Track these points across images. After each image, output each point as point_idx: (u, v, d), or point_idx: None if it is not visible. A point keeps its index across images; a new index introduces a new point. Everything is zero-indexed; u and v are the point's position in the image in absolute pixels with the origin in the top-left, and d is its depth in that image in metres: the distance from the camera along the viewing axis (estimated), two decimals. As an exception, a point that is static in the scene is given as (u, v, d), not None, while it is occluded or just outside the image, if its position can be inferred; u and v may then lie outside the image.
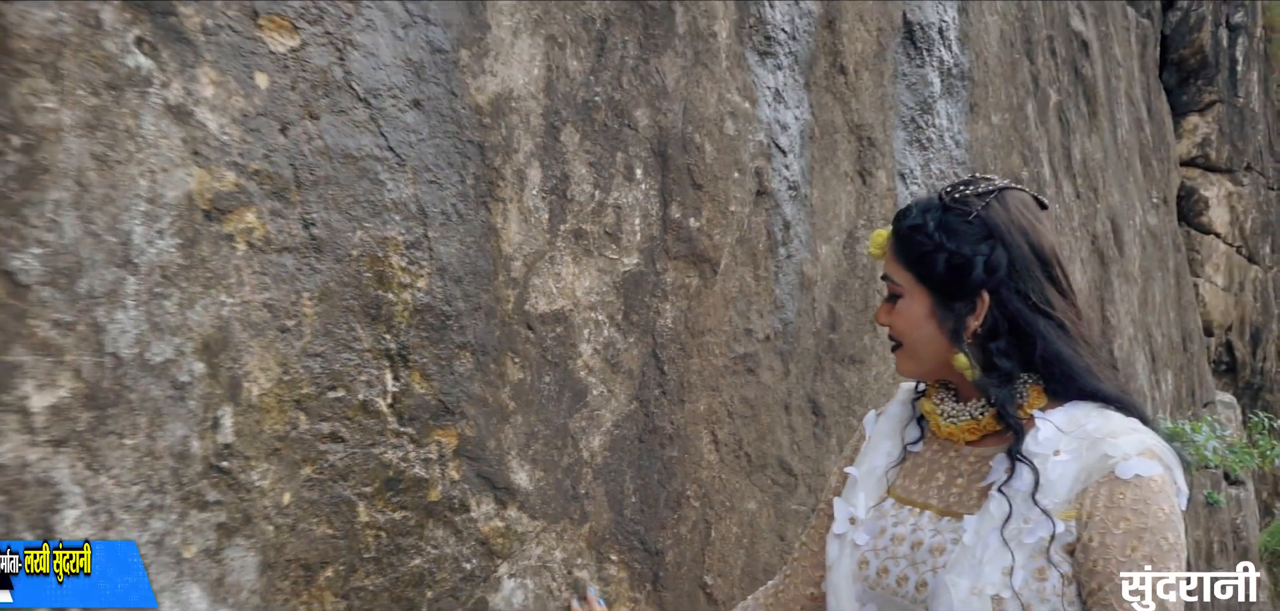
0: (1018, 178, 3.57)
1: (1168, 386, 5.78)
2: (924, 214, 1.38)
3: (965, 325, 1.33)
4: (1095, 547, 1.20)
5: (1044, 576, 1.23)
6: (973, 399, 1.38)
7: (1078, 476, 1.23)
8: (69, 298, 1.28)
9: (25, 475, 1.24)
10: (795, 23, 2.56)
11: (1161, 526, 1.19)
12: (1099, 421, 1.27)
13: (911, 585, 1.32)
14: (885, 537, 1.39)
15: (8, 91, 1.23)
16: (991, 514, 1.27)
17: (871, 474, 1.48)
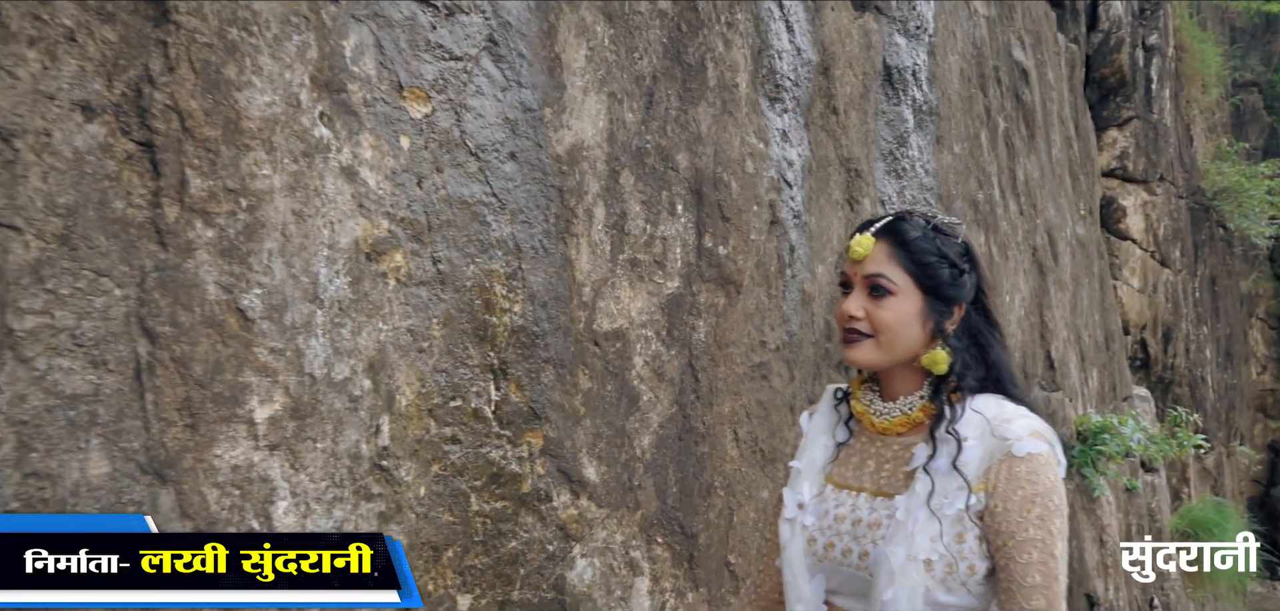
0: (974, 200, 3.99)
1: (1094, 382, 6.31)
2: (927, 233, 1.56)
3: (945, 328, 1.54)
4: (1000, 512, 1.45)
5: (963, 539, 1.46)
6: (900, 398, 1.58)
7: (983, 457, 1.46)
8: (279, 328, 1.57)
9: (252, 473, 1.53)
10: (798, 71, 2.92)
11: (1049, 491, 1.45)
12: (995, 409, 1.50)
13: (855, 556, 1.54)
14: (829, 518, 1.59)
15: (238, 163, 1.52)
16: (918, 492, 1.49)
17: (812, 465, 1.67)
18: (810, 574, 1.60)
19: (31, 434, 1.31)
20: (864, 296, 1.56)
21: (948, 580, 1.45)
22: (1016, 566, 1.42)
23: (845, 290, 1.60)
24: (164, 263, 1.44)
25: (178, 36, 1.46)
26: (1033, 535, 1.43)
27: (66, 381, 1.34)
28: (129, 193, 1.42)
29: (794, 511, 1.64)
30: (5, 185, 1.31)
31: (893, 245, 1.56)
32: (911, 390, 1.57)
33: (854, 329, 1.56)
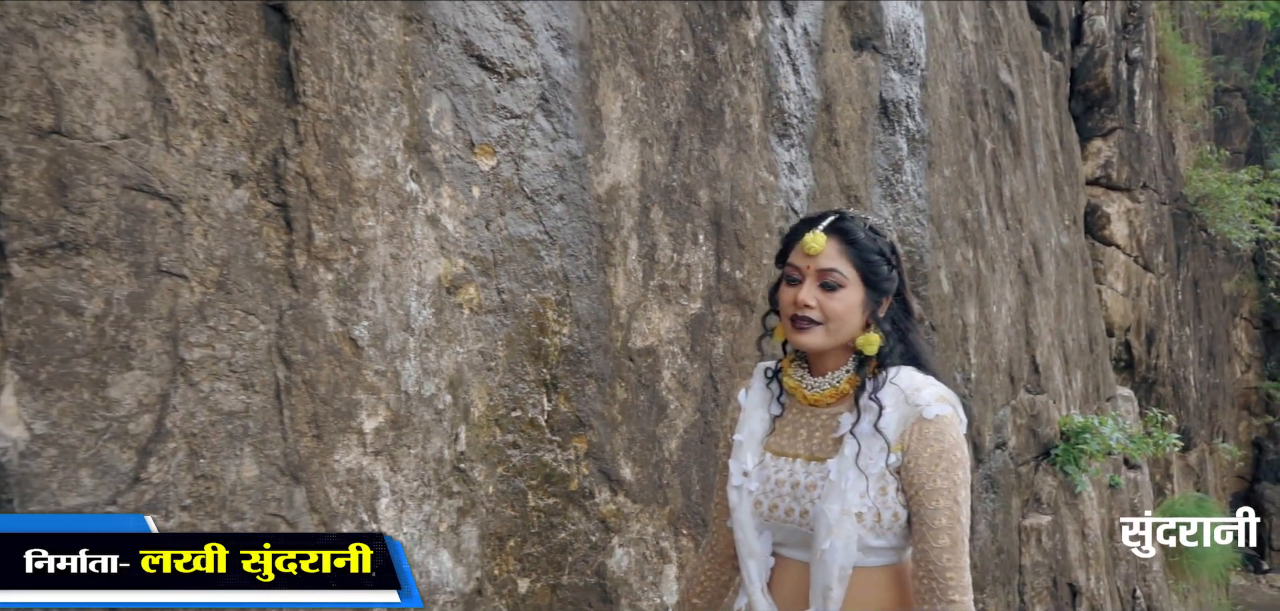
0: (962, 219, 4.31)
1: (1078, 384, 6.64)
2: (867, 232, 1.76)
3: (877, 315, 1.75)
4: (912, 467, 1.65)
5: (886, 492, 1.67)
6: (829, 373, 1.77)
7: (899, 421, 1.67)
8: (382, 353, 1.88)
9: (361, 476, 1.84)
10: (804, 109, 3.24)
11: (953, 447, 1.66)
12: (908, 380, 1.71)
13: (796, 514, 1.74)
14: (770, 482, 1.78)
15: (350, 217, 1.83)
16: (846, 454, 1.69)
17: (752, 437, 1.85)
18: (759, 531, 1.80)
19: (200, 444, 1.62)
20: (816, 287, 1.73)
21: (876, 528, 1.67)
22: (927, 511, 1.64)
23: (791, 280, 1.76)
24: (295, 302, 1.75)
25: (305, 115, 1.77)
26: (940, 485, 1.64)
27: (225, 400, 1.65)
28: (268, 245, 1.73)
29: (740, 479, 1.82)
30: (175, 242, 1.62)
31: (842, 243, 1.74)
32: (839, 366, 1.77)
33: (806, 316, 1.73)
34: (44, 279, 1.50)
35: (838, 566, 1.67)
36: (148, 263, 1.60)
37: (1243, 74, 15.37)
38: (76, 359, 1.53)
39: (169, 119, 1.63)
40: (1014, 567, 4.79)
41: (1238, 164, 13.89)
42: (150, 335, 1.59)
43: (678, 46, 2.71)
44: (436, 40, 2.04)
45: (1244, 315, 15.81)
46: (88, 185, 1.54)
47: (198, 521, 1.61)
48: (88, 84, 1.56)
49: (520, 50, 2.23)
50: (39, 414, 1.49)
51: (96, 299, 1.55)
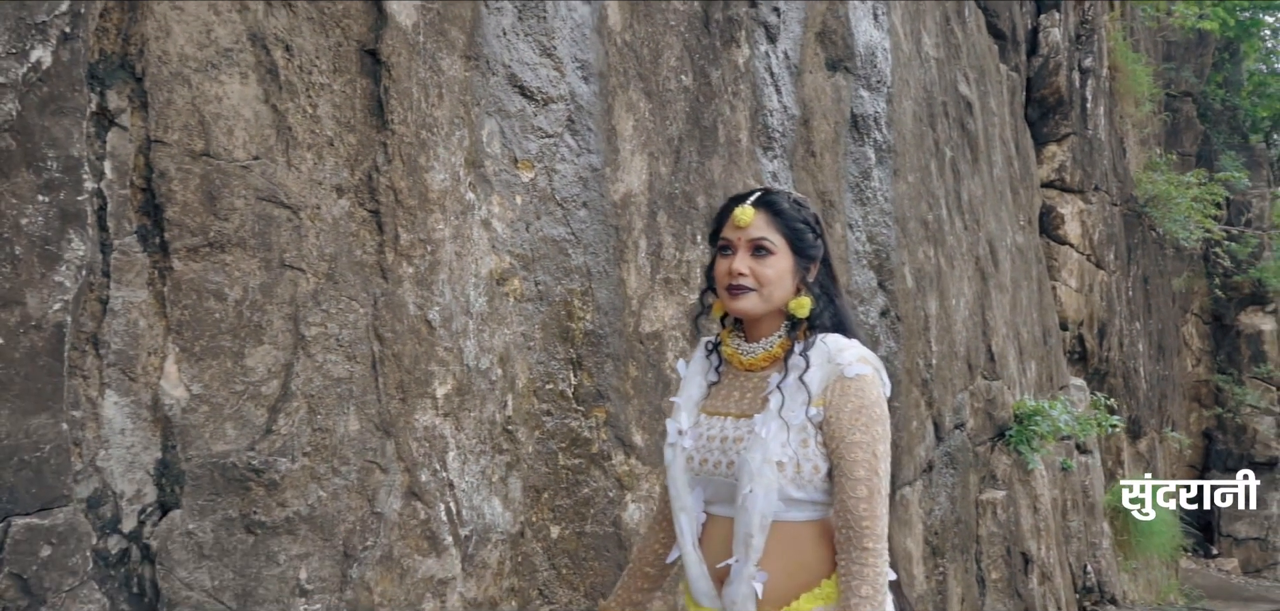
0: (924, 220, 4.77)
1: (1032, 373, 7.15)
2: (793, 204, 1.86)
3: (807, 280, 1.83)
4: (833, 422, 1.71)
5: (806, 444, 1.73)
6: (763, 338, 1.84)
7: (822, 379, 1.73)
8: (449, 333, 2.29)
9: (435, 433, 2.25)
10: (785, 124, 3.68)
11: (873, 404, 1.72)
12: (834, 342, 1.77)
13: (723, 466, 1.80)
14: (703, 439, 1.85)
15: (426, 222, 2.24)
16: (771, 407, 1.75)
17: (689, 400, 1.92)
18: (691, 486, 1.87)
19: (316, 403, 2.03)
20: (748, 257, 1.81)
21: (796, 478, 1.74)
22: (846, 463, 1.71)
23: (726, 252, 1.85)
24: (386, 290, 2.16)
25: (393, 139, 2.18)
26: (859, 439, 1.70)
27: (335, 369, 2.06)
28: (364, 245, 2.14)
29: (675, 437, 1.90)
30: (295, 241, 2.02)
31: (770, 214, 1.83)
32: (772, 331, 1.84)
33: (741, 284, 1.80)
34: (197, 271, 1.90)
35: (758, 513, 1.74)
36: (274, 258, 2.00)
37: (1193, 80, 16.04)
38: (222, 335, 1.93)
39: (290, 143, 2.03)
40: (972, 537, 5.26)
41: (1189, 166, 14.54)
42: (277, 316, 2.00)
43: (679, 72, 3.14)
44: (488, 74, 2.46)
45: (1195, 311, 16.49)
46: (230, 196, 1.95)
47: (314, 464, 2.02)
48: (228, 116, 1.96)
49: (552, 80, 2.65)
50: (195, 378, 1.89)
51: (236, 287, 1.95)
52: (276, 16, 2.02)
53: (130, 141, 1.85)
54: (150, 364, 1.84)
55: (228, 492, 1.90)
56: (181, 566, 1.83)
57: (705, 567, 1.84)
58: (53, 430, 1.69)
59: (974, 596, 5.22)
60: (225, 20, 1.96)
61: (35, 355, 1.67)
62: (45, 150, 1.70)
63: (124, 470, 1.80)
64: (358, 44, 2.16)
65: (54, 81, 1.72)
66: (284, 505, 1.97)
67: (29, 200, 1.68)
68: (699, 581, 1.84)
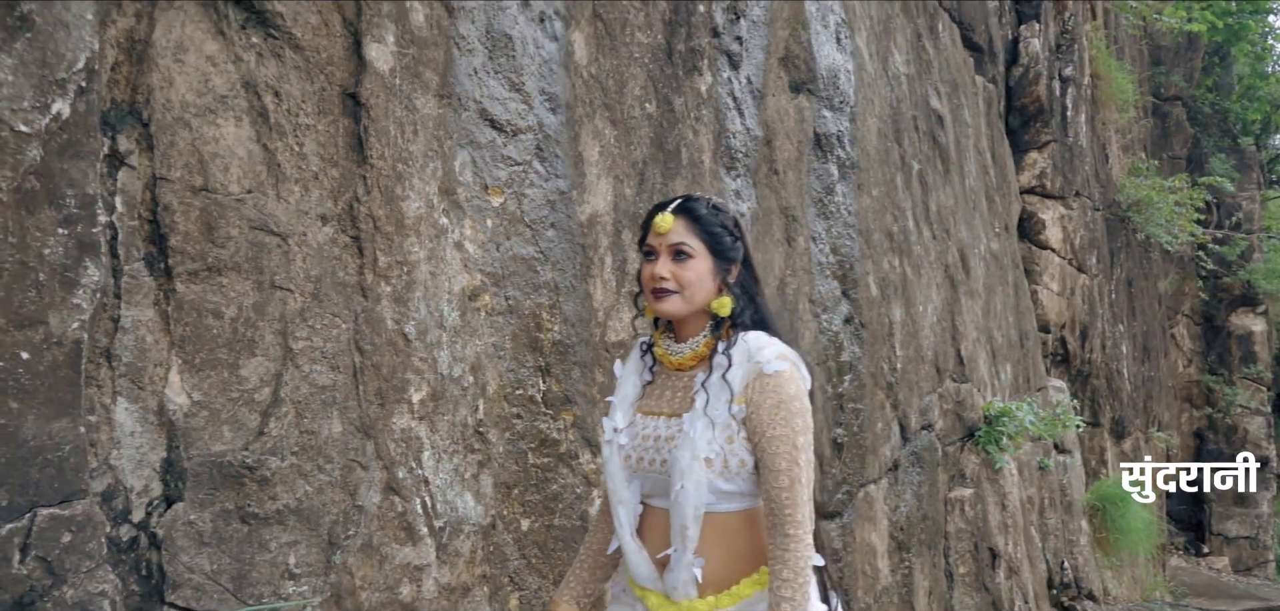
0: (889, 232, 5.03)
1: (1007, 375, 7.39)
2: (711, 209, 1.96)
3: (727, 281, 1.93)
4: (755, 417, 1.81)
5: (732, 440, 1.83)
6: (691, 337, 1.94)
7: (744, 376, 1.83)
8: (424, 345, 2.55)
9: (411, 434, 2.51)
10: (748, 145, 3.93)
11: (792, 399, 1.81)
12: (755, 340, 1.86)
13: (657, 463, 1.90)
14: (638, 438, 1.95)
15: (403, 245, 2.49)
16: (698, 406, 1.85)
17: (624, 400, 2.02)
18: (628, 481, 1.97)
19: (303, 408, 2.29)
20: (669, 261, 1.91)
21: (724, 472, 1.84)
22: (768, 455, 1.81)
23: (649, 257, 1.95)
24: (366, 307, 2.42)
25: (372, 172, 2.44)
26: (780, 432, 1.80)
27: (319, 378, 2.32)
28: (346, 267, 2.40)
29: (611, 435, 2.00)
30: (284, 265, 2.28)
31: (689, 220, 1.93)
32: (698, 332, 1.94)
33: (664, 287, 1.91)
34: (197, 292, 2.16)
35: (691, 506, 1.84)
36: (266, 280, 2.26)
37: (1182, 83, 16.27)
38: (219, 348, 2.19)
39: (279, 178, 2.29)
40: (940, 533, 5.51)
41: (1179, 169, 14.76)
42: (268, 332, 2.26)
43: (643, 101, 3.40)
44: (460, 110, 2.72)
45: (1185, 312, 16.70)
46: (226, 226, 2.21)
47: (302, 462, 2.28)
48: (225, 155, 2.22)
49: (521, 112, 2.91)
50: (195, 387, 2.15)
51: (232, 306, 2.21)
52: (267, 66, 2.28)
53: (138, 179, 2.11)
54: (156, 374, 2.10)
55: (225, 487, 2.16)
56: (184, 552, 2.09)
57: (645, 554, 1.94)
58: (71, 433, 1.95)
59: (941, 589, 5.46)
60: (221, 70, 2.22)
61: (56, 368, 1.93)
62: (65, 189, 1.96)
63: (133, 467, 2.06)
64: (340, 88, 2.42)
65: (72, 129, 1.98)
66: (275, 499, 2.23)
67: (51, 233, 1.94)
68: (640, 567, 1.94)
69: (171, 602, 2.07)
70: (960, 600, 5.63)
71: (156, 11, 2.13)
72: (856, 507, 4.49)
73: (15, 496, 1.85)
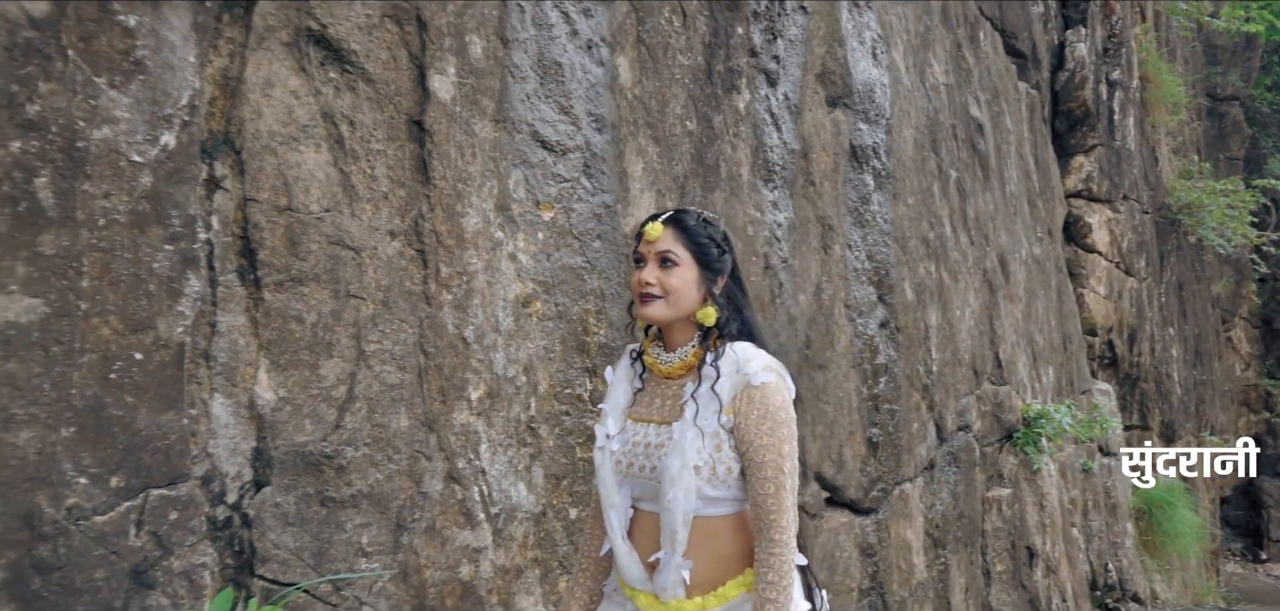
0: (925, 239, 5.19)
1: (1049, 378, 7.49)
2: (700, 221, 2.01)
3: (714, 291, 1.99)
4: (742, 427, 1.86)
5: (720, 448, 1.88)
6: (679, 348, 1.99)
7: (732, 387, 1.88)
8: (482, 347, 2.81)
9: (470, 429, 2.76)
10: (785, 158, 4.14)
11: (779, 409, 1.86)
12: (743, 351, 1.92)
13: (647, 470, 1.95)
14: (629, 444, 2.01)
15: (463, 257, 2.75)
16: (687, 416, 1.90)
17: (615, 406, 2.08)
18: (619, 486, 2.03)
19: (374, 405, 2.55)
20: (656, 268, 1.97)
21: (712, 479, 1.89)
22: (755, 463, 1.86)
23: (639, 264, 2.01)
24: (429, 314, 2.69)
25: (435, 192, 2.70)
26: (766, 441, 1.85)
27: (389, 377, 2.58)
28: (412, 277, 2.66)
29: (603, 441, 2.06)
30: (357, 276, 2.55)
31: (677, 230, 1.99)
32: (687, 341, 2.00)
33: (648, 293, 1.97)
34: (282, 301, 2.43)
35: (681, 512, 1.90)
36: (341, 290, 2.53)
37: (1239, 84, 16.07)
38: (301, 350, 2.46)
39: (353, 198, 2.56)
40: (977, 531, 5.66)
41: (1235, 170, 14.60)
42: (343, 335, 2.53)
43: (684, 119, 3.62)
44: (514, 132, 2.97)
45: (1243, 315, 16.47)
46: (307, 241, 2.48)
47: (373, 452, 2.54)
48: (306, 178, 2.49)
49: (569, 133, 3.16)
50: (280, 384, 2.42)
51: (312, 313, 2.48)
52: (343, 98, 2.55)
53: (231, 200, 2.38)
54: (247, 373, 2.38)
55: (306, 474, 2.43)
56: (271, 530, 2.37)
57: (635, 556, 2.01)
58: (176, 424, 2.23)
59: (979, 586, 5.61)
60: (303, 102, 2.49)
61: (164, 367, 2.21)
62: (170, 211, 2.24)
63: (228, 455, 2.34)
64: (407, 116, 2.68)
65: (177, 158, 2.26)
66: (350, 484, 2.50)
67: (159, 249, 2.22)
68: (630, 568, 2.01)
69: (261, 575, 2.34)
70: (997, 597, 5.77)
71: (247, 52, 2.40)
72: (892, 504, 4.67)
73: (130, 478, 2.13)
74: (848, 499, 4.37)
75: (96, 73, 2.10)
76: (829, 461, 4.24)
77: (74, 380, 2.04)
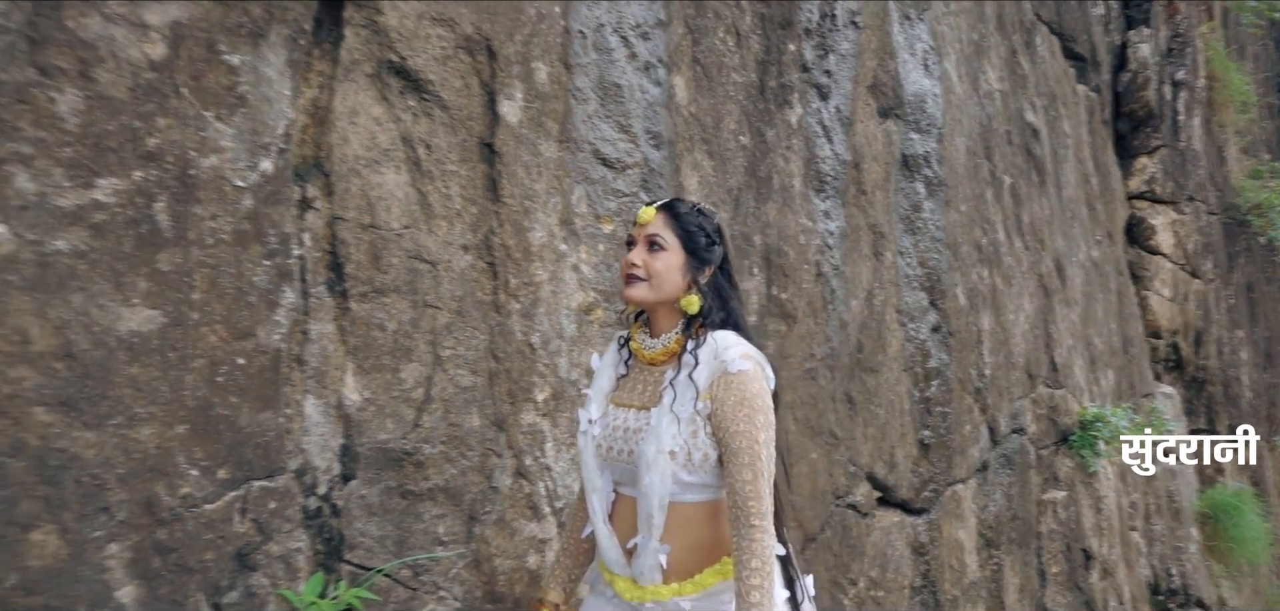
0: (978, 245, 5.29)
1: (1109, 381, 7.49)
2: (692, 211, 2.05)
3: (700, 279, 2.01)
4: (719, 414, 1.87)
5: (696, 434, 1.90)
6: (663, 333, 2.02)
7: (710, 374, 1.89)
8: (547, 353, 3.01)
9: (536, 428, 2.97)
10: (836, 169, 4.29)
11: (754, 396, 1.87)
12: (722, 340, 1.94)
13: (625, 454, 1.98)
14: (610, 428, 2.04)
15: (529, 269, 2.96)
16: (664, 402, 1.93)
17: (599, 392, 2.13)
18: (601, 470, 2.07)
19: (449, 406, 2.77)
20: (644, 251, 2.02)
21: (688, 464, 1.91)
22: (731, 450, 1.88)
23: (630, 247, 2.06)
24: (499, 322, 2.90)
25: (504, 209, 2.92)
26: (742, 428, 1.87)
27: (462, 380, 2.81)
28: (483, 288, 2.88)
29: (586, 426, 2.10)
30: (434, 287, 2.77)
31: (668, 216, 2.04)
32: (671, 328, 2.04)
33: (634, 274, 2.02)
34: (366, 311, 2.67)
35: (657, 496, 1.92)
36: (419, 300, 2.75)
37: (1316, 80, 15.64)
38: (383, 356, 2.69)
39: (429, 215, 2.79)
40: (1032, 533, 5.73)
41: (1310, 169, 14.25)
42: (421, 342, 2.75)
43: (738, 134, 3.80)
44: (576, 151, 3.17)
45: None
46: (388, 256, 2.71)
47: (448, 450, 2.77)
48: (387, 198, 2.72)
49: (628, 150, 3.35)
50: (365, 387, 2.65)
51: (393, 321, 2.71)
52: (420, 124, 2.78)
53: (321, 219, 2.62)
54: (335, 377, 2.61)
55: (388, 469, 2.66)
56: (357, 520, 2.60)
57: (615, 539, 2.05)
58: (274, 423, 2.47)
59: (1033, 587, 5.68)
60: (385, 129, 2.73)
61: (263, 371, 2.45)
62: (268, 230, 2.49)
63: (319, 451, 2.57)
64: (478, 139, 2.90)
65: (274, 181, 2.50)
66: (427, 479, 2.72)
67: (258, 264, 2.46)
68: (609, 551, 2.06)
69: (348, 559, 2.58)
70: (1052, 598, 5.83)
71: (335, 84, 2.64)
72: (943, 505, 4.78)
73: (235, 471, 2.38)
74: (899, 499, 4.50)
75: (205, 107, 2.34)
76: (881, 462, 4.38)
77: (186, 382, 2.29)
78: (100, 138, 2.12)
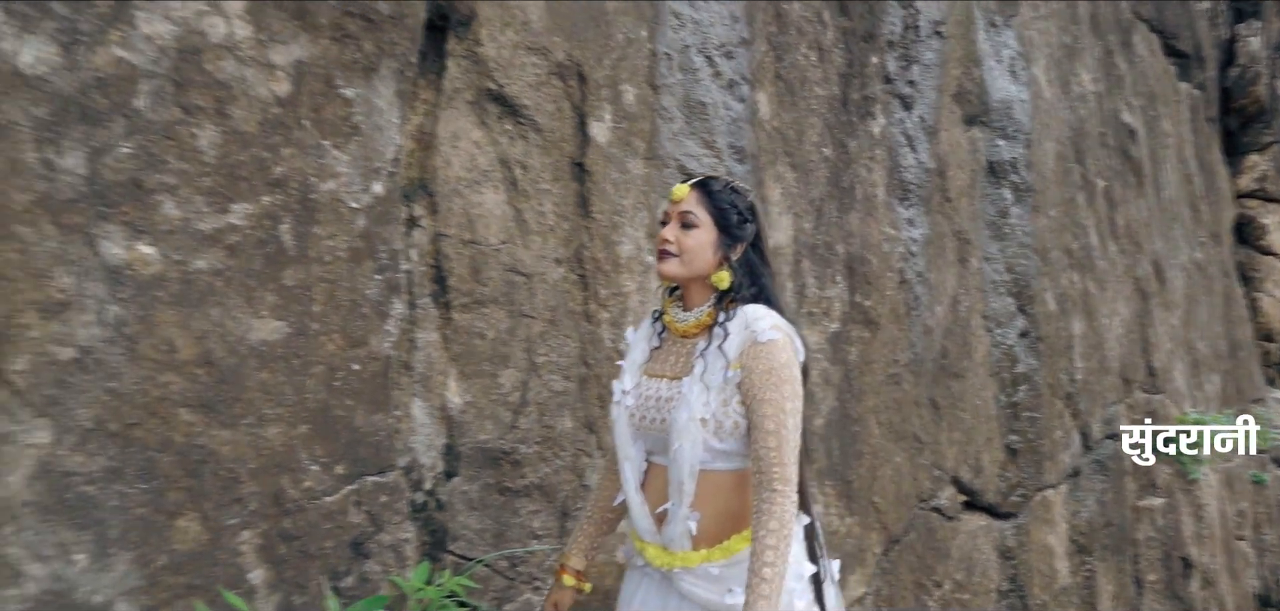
0: (1068, 249, 5.27)
1: (1214, 386, 7.31)
2: (725, 188, 2.07)
3: (731, 256, 2.03)
4: (748, 382, 1.90)
5: (727, 403, 1.92)
6: (696, 307, 2.06)
7: (740, 344, 1.92)
8: (634, 359, 3.18)
9: (624, 430, 3.14)
10: (920, 177, 4.36)
11: (782, 366, 1.90)
12: (753, 312, 1.96)
13: (658, 422, 2.01)
14: (643, 398, 2.08)
15: (618, 280, 3.14)
16: (696, 371, 1.96)
17: (633, 364, 2.16)
18: (634, 439, 2.10)
19: (543, 409, 2.97)
20: (677, 227, 2.05)
21: (718, 432, 1.95)
22: (758, 416, 1.90)
23: (665, 223, 2.09)
24: (590, 330, 3.09)
25: (594, 224, 3.11)
26: (769, 396, 1.89)
27: (555, 386, 3.00)
28: (574, 298, 3.07)
29: (619, 396, 2.14)
30: (529, 298, 2.97)
31: (701, 193, 2.06)
32: (703, 302, 2.07)
33: (667, 249, 2.05)
34: (467, 320, 2.88)
35: (688, 463, 1.96)
36: (516, 310, 2.96)
37: None
38: (482, 362, 2.90)
39: (525, 231, 2.99)
40: (1127, 540, 5.67)
41: None
42: (517, 349, 2.96)
43: (820, 146, 3.91)
44: (662, 167, 3.34)
45: None
46: (487, 269, 2.92)
47: (542, 450, 2.96)
48: (486, 215, 2.93)
49: (712, 164, 3.50)
50: (466, 391, 2.87)
51: (492, 330, 2.92)
52: (516, 146, 2.99)
53: (426, 236, 2.85)
54: (439, 381, 2.84)
55: (487, 467, 2.87)
56: (460, 514, 2.82)
57: (647, 508, 2.09)
58: (385, 424, 2.70)
59: (1129, 594, 5.62)
60: (484, 151, 2.94)
61: (375, 376, 2.69)
62: (379, 247, 2.72)
63: (425, 450, 2.80)
64: (569, 159, 3.10)
65: (384, 202, 2.74)
66: (523, 477, 2.92)
67: (370, 279, 2.70)
68: (641, 520, 2.10)
69: (451, 550, 2.80)
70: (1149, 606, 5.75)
71: (439, 111, 2.86)
72: (1032, 510, 4.79)
73: (351, 467, 2.61)
74: (986, 503, 4.54)
75: (324, 136, 2.59)
76: (966, 466, 4.43)
77: (308, 387, 2.53)
78: (234, 167, 2.38)
